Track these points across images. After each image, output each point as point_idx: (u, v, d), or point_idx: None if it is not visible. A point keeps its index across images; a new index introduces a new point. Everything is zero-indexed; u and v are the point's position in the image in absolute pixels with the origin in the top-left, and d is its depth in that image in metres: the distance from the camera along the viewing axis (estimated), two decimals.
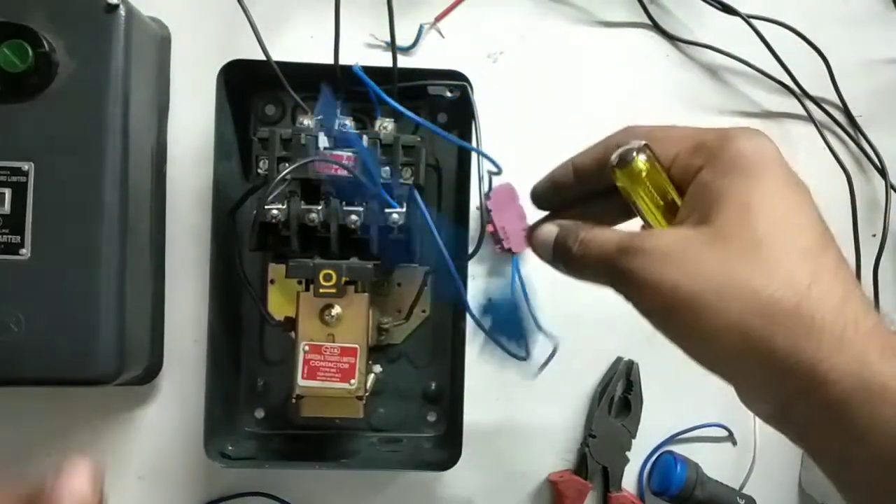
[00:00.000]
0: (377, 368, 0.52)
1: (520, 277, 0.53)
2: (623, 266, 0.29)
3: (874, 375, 0.24)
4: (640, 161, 0.30)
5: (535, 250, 0.35)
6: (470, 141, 0.49)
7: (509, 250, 0.53)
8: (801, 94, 0.57)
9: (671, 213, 0.30)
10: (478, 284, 0.54)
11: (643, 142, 0.30)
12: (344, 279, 0.45)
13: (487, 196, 0.51)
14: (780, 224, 0.27)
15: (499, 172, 0.49)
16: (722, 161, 0.28)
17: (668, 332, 0.28)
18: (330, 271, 0.45)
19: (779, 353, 0.25)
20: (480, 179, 0.48)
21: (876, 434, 0.24)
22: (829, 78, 0.57)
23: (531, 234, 0.35)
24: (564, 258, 0.32)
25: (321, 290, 0.45)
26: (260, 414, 0.54)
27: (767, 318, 0.25)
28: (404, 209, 0.46)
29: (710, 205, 0.28)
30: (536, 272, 0.53)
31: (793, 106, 0.57)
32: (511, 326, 0.45)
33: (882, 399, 0.24)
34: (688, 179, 0.29)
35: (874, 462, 0.24)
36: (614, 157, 0.30)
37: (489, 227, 0.52)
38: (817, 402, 0.25)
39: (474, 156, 0.48)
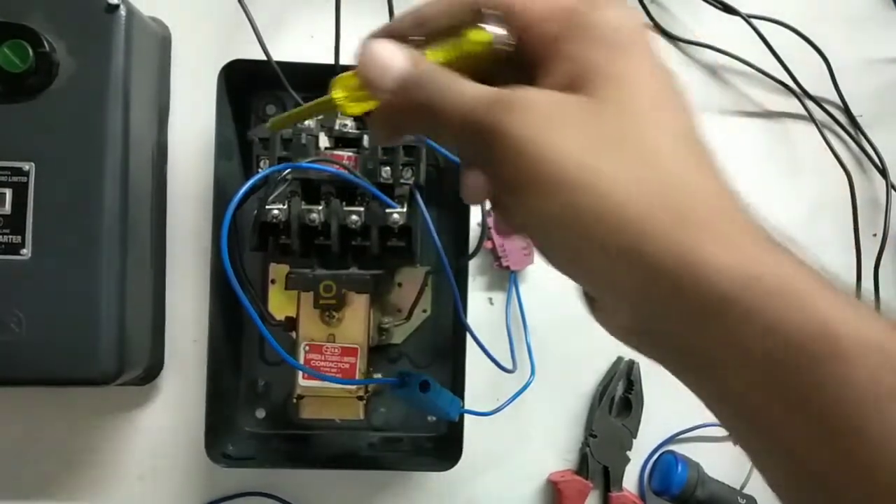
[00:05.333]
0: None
1: (517, 294, 0.54)
2: (495, 120, 0.24)
3: (751, 269, 0.22)
4: (489, 35, 0.25)
5: (364, 69, 0.27)
6: None
7: (507, 268, 0.53)
8: (802, 94, 0.57)
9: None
10: (478, 284, 0.55)
11: (498, 24, 0.25)
12: (343, 290, 0.45)
13: (489, 213, 0.51)
14: (657, 105, 0.24)
15: None
16: (590, 31, 0.24)
17: (532, 214, 0.24)
18: (330, 282, 0.45)
19: (652, 246, 0.22)
20: None
21: (753, 332, 0.21)
22: (829, 78, 0.57)
23: (365, 50, 0.27)
24: (418, 99, 0.26)
25: (321, 301, 0.45)
26: (260, 414, 0.54)
27: (644, 206, 0.22)
28: (405, 209, 0.46)
29: (580, 77, 0.24)
30: (535, 286, 0.54)
31: (793, 106, 0.57)
32: (421, 405, 0.45)
33: (759, 293, 0.21)
34: (545, 49, 0.25)
35: (751, 364, 0.22)
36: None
37: (488, 244, 0.52)
38: (693, 302, 0.22)
39: None
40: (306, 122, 0.47)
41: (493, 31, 0.25)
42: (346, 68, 0.47)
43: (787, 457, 0.22)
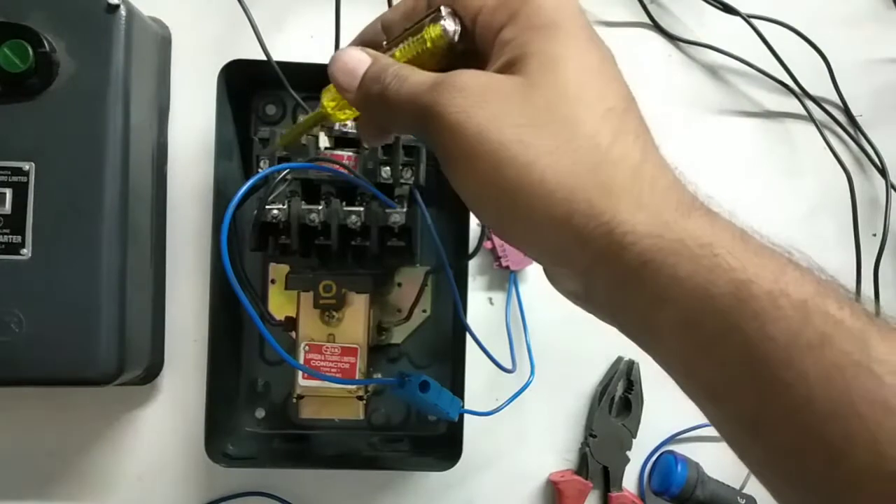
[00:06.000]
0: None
1: (517, 294, 0.54)
2: (432, 100, 0.26)
3: (670, 233, 0.23)
4: (441, 30, 0.28)
5: (334, 76, 0.30)
6: None
7: (507, 268, 0.53)
8: (802, 94, 0.57)
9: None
10: (478, 284, 0.55)
11: (448, 18, 0.28)
12: (343, 290, 0.45)
13: None
14: (585, 81, 0.25)
15: None
16: (524, 16, 0.26)
17: (467, 187, 0.26)
18: (330, 282, 0.45)
19: (577, 216, 0.24)
20: None
21: (675, 294, 0.22)
22: (829, 78, 0.57)
23: (334, 59, 0.30)
24: (375, 92, 0.28)
25: (321, 302, 0.45)
26: (260, 414, 0.54)
27: (567, 177, 0.24)
28: (405, 209, 0.46)
29: (515, 59, 0.26)
30: (535, 286, 0.54)
31: (793, 106, 0.57)
32: (421, 405, 0.45)
33: (679, 256, 0.22)
34: (490, 37, 0.27)
35: (677, 324, 0.23)
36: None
37: (487, 244, 0.52)
38: (618, 268, 0.23)
39: None
40: None
41: (445, 25, 0.28)
42: None
43: (721, 408, 0.24)
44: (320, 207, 0.46)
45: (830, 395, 0.21)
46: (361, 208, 0.46)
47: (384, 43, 0.31)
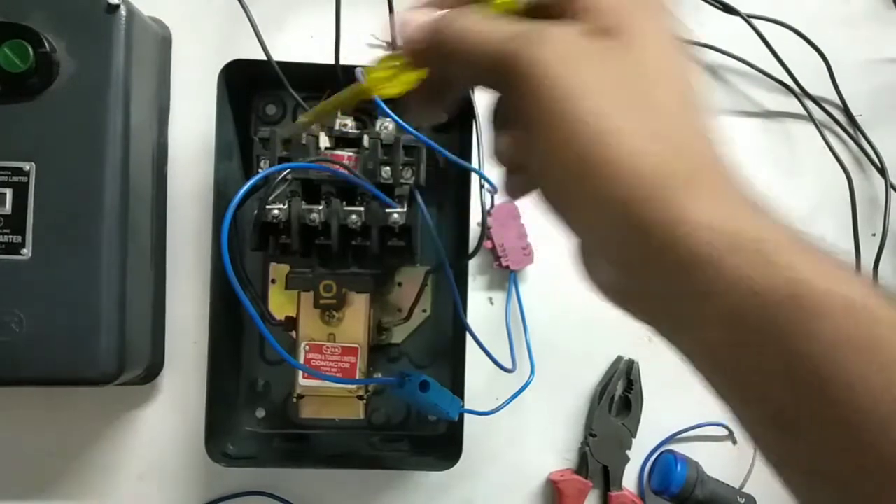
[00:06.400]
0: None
1: (517, 294, 0.54)
2: (516, 50, 0.25)
3: (728, 226, 0.22)
4: None
5: (404, 32, 0.29)
6: (471, 138, 0.49)
7: (507, 267, 0.53)
8: (801, 94, 0.57)
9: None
10: (478, 284, 0.55)
11: None
12: (343, 290, 0.45)
13: (489, 213, 0.51)
14: (677, 72, 0.25)
15: (495, 191, 0.49)
16: None
17: (537, 144, 0.25)
18: (330, 282, 0.45)
19: (644, 202, 0.23)
20: (482, 187, 0.48)
21: (723, 287, 0.22)
22: (829, 78, 0.57)
23: (404, 20, 0.29)
24: (451, 32, 0.27)
25: (321, 301, 0.45)
26: (260, 414, 0.54)
27: (644, 162, 0.23)
28: (405, 209, 0.46)
29: (611, 28, 0.25)
30: (535, 285, 0.54)
31: (793, 105, 0.57)
32: (421, 405, 0.45)
33: (733, 250, 0.22)
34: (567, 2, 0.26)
35: (721, 318, 0.23)
36: None
37: (487, 244, 0.52)
38: (670, 258, 0.23)
39: (475, 155, 0.49)
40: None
41: None
42: (346, 68, 0.48)
43: (759, 407, 0.23)
44: (320, 207, 0.46)
45: (880, 398, 0.20)
46: (361, 208, 0.46)
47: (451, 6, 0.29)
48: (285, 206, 0.46)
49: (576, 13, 0.25)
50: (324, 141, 0.47)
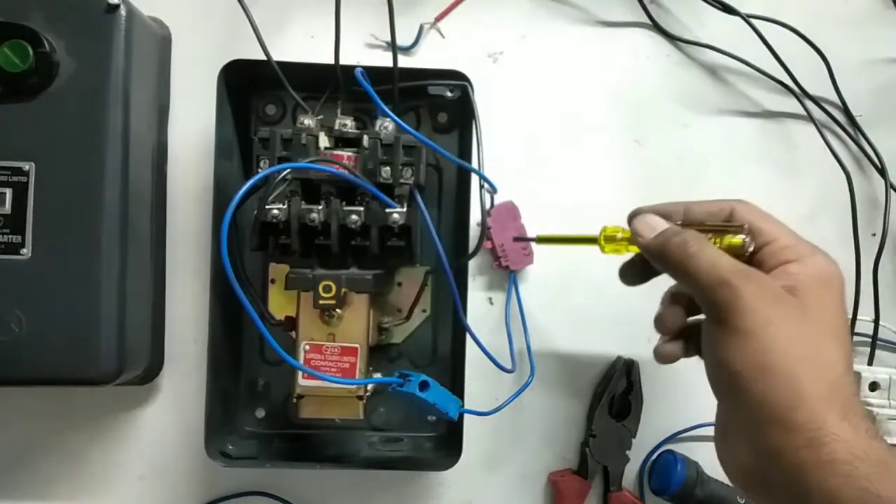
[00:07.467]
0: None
1: (517, 294, 0.54)
2: (740, 284, 0.34)
3: (858, 447, 0.31)
4: (742, 242, 0.38)
5: (634, 225, 0.40)
6: (471, 140, 0.49)
7: (507, 268, 0.53)
8: (801, 94, 0.57)
9: None
10: (478, 284, 0.55)
11: (747, 236, 0.38)
12: (343, 290, 0.45)
13: (488, 213, 0.51)
14: (840, 329, 0.35)
15: (495, 191, 0.49)
16: (811, 264, 0.36)
17: (723, 355, 0.34)
18: (329, 283, 0.45)
19: (807, 421, 0.32)
20: (482, 187, 0.48)
21: (824, 498, 0.30)
22: (829, 78, 0.57)
23: (637, 216, 0.40)
24: (675, 243, 0.37)
25: (321, 302, 0.45)
26: (260, 414, 0.54)
27: (802, 398, 0.32)
28: (405, 209, 0.46)
29: (795, 288, 0.35)
30: (535, 286, 0.54)
31: (793, 106, 0.57)
32: (421, 405, 0.45)
33: (845, 467, 0.30)
34: (773, 263, 0.36)
35: None
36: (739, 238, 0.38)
37: (487, 244, 0.52)
38: (807, 465, 0.31)
39: (474, 155, 0.48)
40: (306, 122, 0.48)
41: (746, 240, 0.37)
42: (345, 68, 0.48)
43: None
44: (320, 207, 0.46)
45: None
46: (361, 208, 0.46)
47: (679, 223, 0.39)
48: (285, 206, 0.46)
49: (778, 271, 0.36)
50: (323, 141, 0.47)
